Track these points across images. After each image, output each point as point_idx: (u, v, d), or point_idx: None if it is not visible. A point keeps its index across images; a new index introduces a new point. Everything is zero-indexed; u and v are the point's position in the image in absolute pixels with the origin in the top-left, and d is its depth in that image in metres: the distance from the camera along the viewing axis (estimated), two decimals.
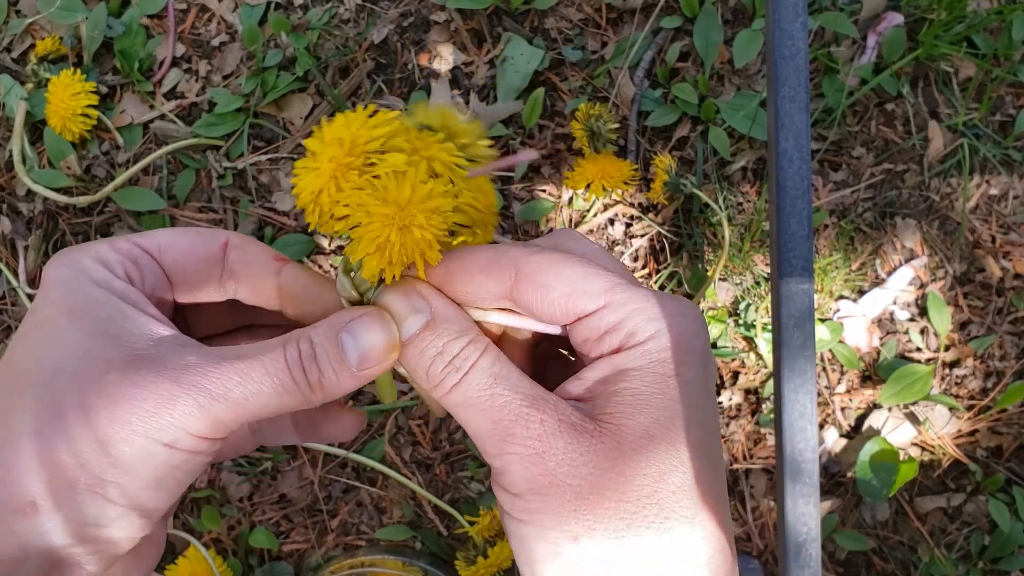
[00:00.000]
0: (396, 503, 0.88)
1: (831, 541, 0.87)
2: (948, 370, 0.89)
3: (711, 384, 0.29)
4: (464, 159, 0.31)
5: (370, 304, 0.31)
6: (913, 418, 0.88)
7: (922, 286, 0.89)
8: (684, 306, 0.29)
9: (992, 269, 0.89)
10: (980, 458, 0.88)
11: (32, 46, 0.93)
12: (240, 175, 0.90)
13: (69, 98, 0.86)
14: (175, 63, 0.93)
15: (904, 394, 0.85)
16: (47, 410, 0.26)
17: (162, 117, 0.91)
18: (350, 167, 0.28)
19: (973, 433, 0.88)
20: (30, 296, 0.90)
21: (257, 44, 0.90)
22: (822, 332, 0.86)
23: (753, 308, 0.87)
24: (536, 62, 0.87)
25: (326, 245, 0.89)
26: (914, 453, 0.89)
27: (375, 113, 0.29)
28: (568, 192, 0.88)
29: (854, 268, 0.89)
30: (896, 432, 0.88)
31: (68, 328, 0.28)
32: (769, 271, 0.86)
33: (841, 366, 0.89)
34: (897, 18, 0.87)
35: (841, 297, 0.90)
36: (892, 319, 0.90)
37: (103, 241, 0.30)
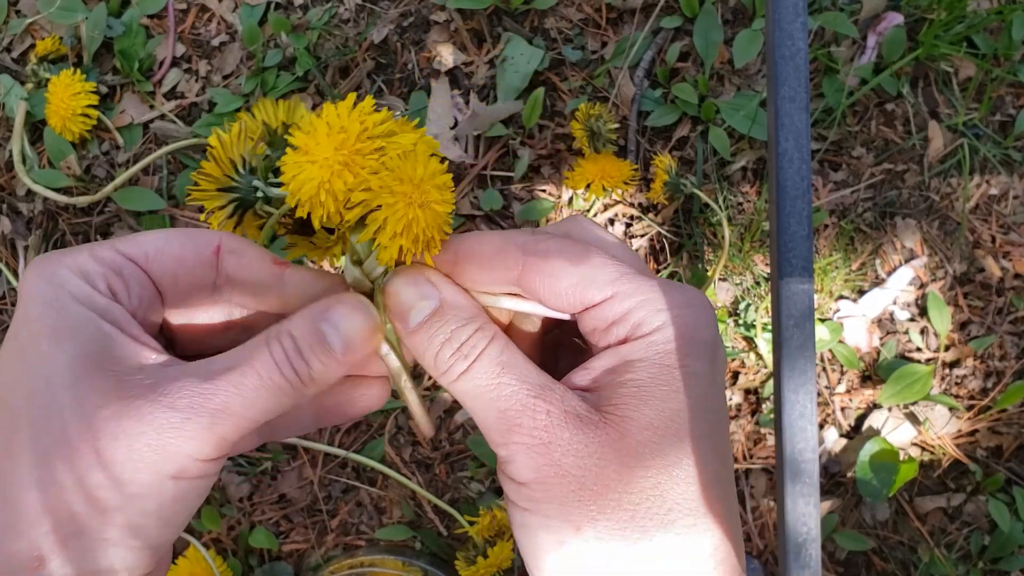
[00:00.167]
0: (396, 503, 0.88)
1: (831, 541, 0.87)
2: (948, 370, 0.89)
3: (719, 377, 0.29)
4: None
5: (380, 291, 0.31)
6: (913, 418, 0.88)
7: (922, 286, 0.89)
8: (693, 297, 0.28)
9: (992, 269, 0.89)
10: (980, 458, 0.88)
11: (32, 46, 0.93)
12: None
13: (69, 98, 0.86)
14: (175, 63, 0.93)
15: (904, 394, 0.85)
16: (46, 455, 0.25)
17: (162, 117, 0.91)
18: (361, 153, 0.28)
19: (973, 433, 0.88)
20: None
21: (257, 44, 0.90)
22: (822, 332, 0.86)
23: (753, 308, 0.87)
24: (536, 62, 0.87)
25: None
26: (914, 453, 0.89)
27: (356, 94, 0.30)
28: (568, 192, 0.88)
29: (854, 268, 0.89)
30: (896, 432, 0.88)
31: (53, 355, 0.26)
32: (769, 271, 0.86)
33: (841, 366, 0.89)
34: (897, 18, 0.87)
35: (841, 297, 0.90)
36: (892, 319, 0.89)
37: (84, 248, 0.29)
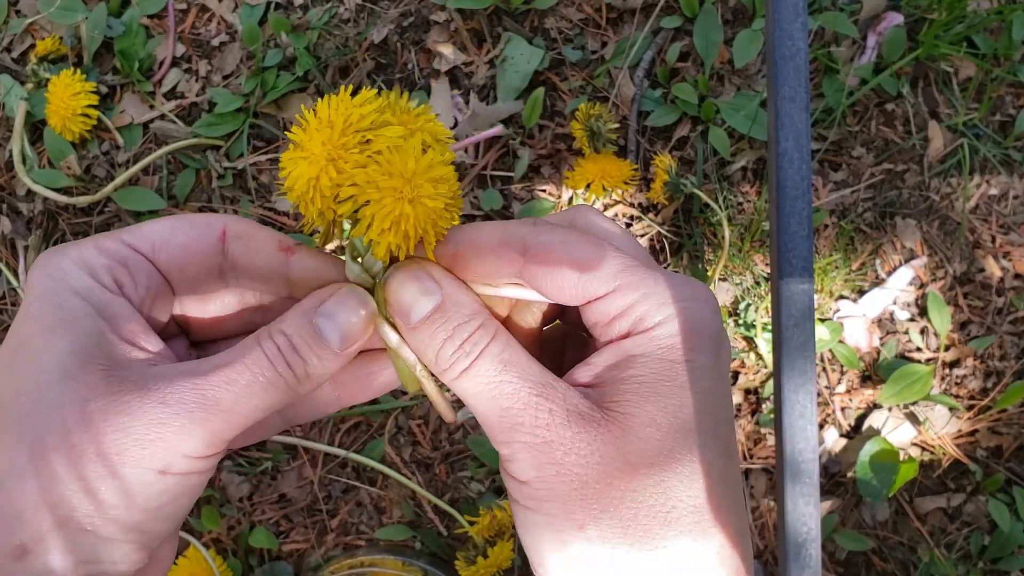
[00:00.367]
0: (396, 503, 0.88)
1: (831, 541, 0.86)
2: (948, 370, 0.89)
3: (724, 371, 0.28)
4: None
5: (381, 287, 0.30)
6: (913, 418, 0.88)
7: (922, 286, 0.89)
8: (697, 290, 0.28)
9: (992, 269, 0.89)
10: (980, 458, 0.88)
11: (32, 46, 0.93)
12: (240, 175, 0.90)
13: (69, 98, 0.86)
14: (175, 63, 0.93)
15: (904, 394, 0.85)
16: (32, 447, 0.25)
17: (162, 117, 0.91)
18: (346, 147, 0.28)
19: (973, 433, 0.88)
20: None
21: (257, 44, 0.90)
22: (822, 332, 0.86)
23: (753, 308, 0.87)
24: (536, 62, 0.87)
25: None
26: (914, 453, 0.89)
27: (355, 93, 0.29)
28: (568, 192, 0.88)
29: (854, 268, 0.89)
30: (896, 432, 0.88)
31: (46, 350, 0.26)
32: (769, 271, 0.86)
33: (841, 366, 0.89)
34: (897, 18, 0.87)
35: (841, 297, 0.90)
36: (892, 319, 0.89)
37: (89, 241, 0.29)
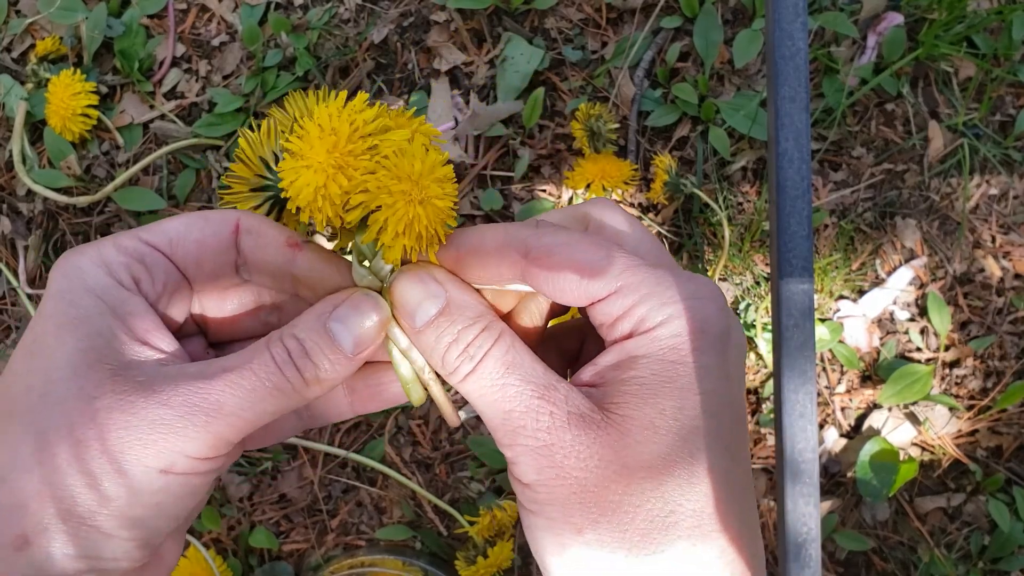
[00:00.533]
0: (396, 503, 0.88)
1: (831, 541, 0.86)
2: (948, 370, 0.89)
3: (731, 369, 0.28)
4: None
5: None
6: (913, 418, 0.88)
7: (922, 286, 0.89)
8: (702, 287, 0.28)
9: (992, 269, 0.89)
10: (980, 458, 0.88)
11: (32, 46, 0.93)
12: None
13: (69, 98, 0.86)
14: (175, 63, 0.93)
15: (904, 394, 0.85)
16: (37, 440, 0.26)
17: (162, 117, 0.91)
18: (354, 154, 0.28)
19: (973, 433, 0.88)
20: (30, 296, 0.90)
21: (257, 44, 0.90)
22: (822, 332, 0.86)
23: (753, 308, 0.87)
24: (536, 62, 0.87)
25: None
26: (914, 453, 0.89)
27: (353, 94, 0.29)
28: (568, 192, 0.88)
29: (854, 268, 0.89)
30: (896, 432, 0.88)
31: (57, 347, 0.27)
32: (769, 271, 0.86)
33: (841, 366, 0.89)
34: (897, 18, 0.87)
35: (841, 297, 0.90)
36: (892, 319, 0.89)
37: (108, 240, 0.29)
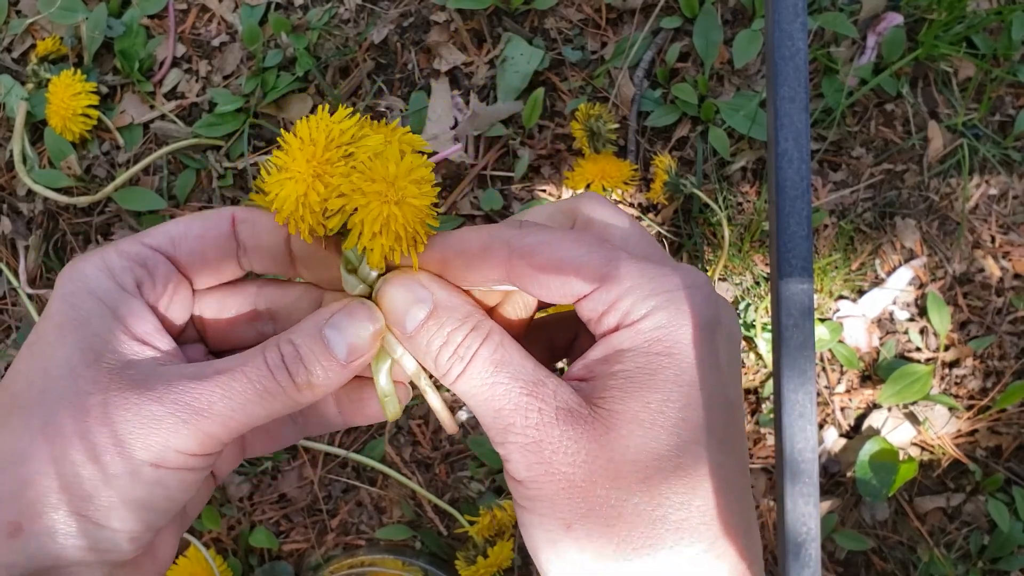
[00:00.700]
0: (396, 503, 0.88)
1: (831, 541, 0.87)
2: (948, 370, 0.89)
3: (722, 359, 0.28)
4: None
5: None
6: (913, 418, 0.88)
7: (922, 286, 0.89)
8: (688, 278, 0.28)
9: (991, 269, 0.89)
10: (979, 458, 0.88)
11: (33, 46, 0.93)
12: (240, 175, 0.90)
13: (69, 98, 0.86)
14: (175, 63, 0.93)
15: (904, 394, 0.85)
16: (34, 433, 0.27)
17: (162, 117, 0.91)
18: (330, 161, 0.29)
19: (972, 433, 0.89)
20: (30, 296, 0.90)
21: (257, 44, 0.90)
22: (822, 332, 0.86)
23: (753, 308, 0.87)
24: (536, 62, 0.87)
25: None
26: (914, 453, 0.89)
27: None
28: (568, 192, 0.88)
29: (854, 268, 0.89)
30: (896, 432, 0.88)
31: (56, 346, 0.28)
32: (768, 271, 0.86)
33: (841, 366, 0.89)
34: (897, 18, 0.87)
35: (841, 297, 0.90)
36: (892, 319, 0.90)
37: (112, 246, 0.30)
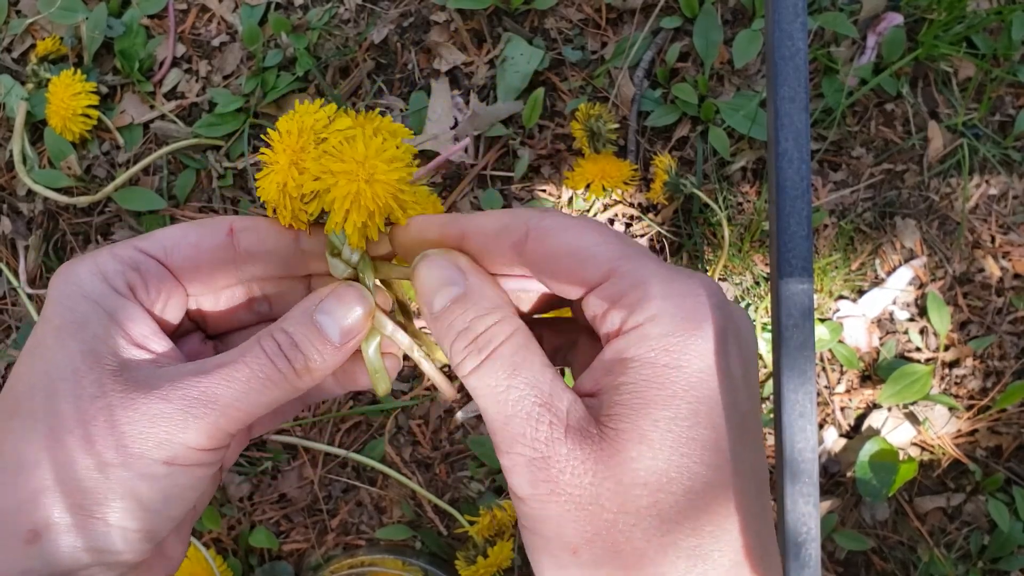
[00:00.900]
0: (396, 503, 0.88)
1: (831, 541, 0.87)
2: (948, 370, 0.89)
3: (735, 371, 0.26)
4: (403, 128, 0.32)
5: (391, 275, 0.32)
6: (913, 418, 0.88)
7: (922, 286, 0.89)
8: (698, 283, 0.26)
9: (991, 269, 0.89)
10: (979, 458, 0.88)
11: (32, 46, 0.93)
12: (240, 175, 0.90)
13: (69, 98, 0.86)
14: (175, 63, 0.93)
15: (904, 394, 0.85)
16: (44, 438, 0.27)
17: (162, 117, 0.91)
18: (303, 149, 0.30)
19: (973, 433, 0.89)
20: (30, 296, 0.90)
21: (257, 44, 0.90)
22: (822, 332, 0.86)
23: (753, 308, 0.87)
24: (536, 62, 0.87)
25: None
26: (914, 453, 0.89)
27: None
28: (568, 192, 0.88)
29: (854, 268, 0.89)
30: (896, 432, 0.88)
31: (58, 349, 0.28)
32: (769, 271, 0.86)
33: (841, 366, 0.89)
34: (897, 18, 0.87)
35: (841, 297, 0.90)
36: (892, 319, 0.90)
37: (105, 249, 0.30)
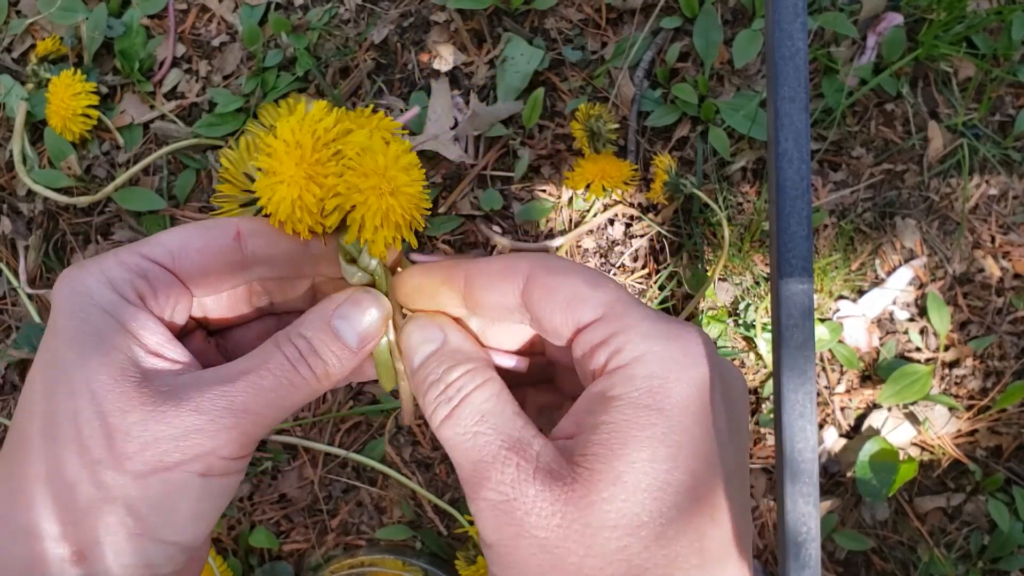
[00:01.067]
0: (396, 503, 0.89)
1: (831, 541, 0.87)
2: (948, 370, 0.89)
3: (720, 423, 0.26)
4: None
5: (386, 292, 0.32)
6: (913, 418, 0.88)
7: (922, 286, 0.89)
8: (690, 331, 0.27)
9: (991, 269, 0.89)
10: (979, 458, 0.88)
11: (32, 46, 0.93)
12: None
13: (69, 98, 0.86)
14: (175, 63, 0.93)
15: (904, 394, 0.85)
16: (80, 457, 0.27)
17: (162, 117, 0.91)
18: (321, 162, 0.29)
19: (973, 433, 0.89)
20: (31, 296, 0.90)
21: (257, 44, 0.90)
22: (821, 332, 0.86)
23: (753, 308, 0.87)
24: (536, 62, 0.87)
25: None
26: (914, 453, 0.89)
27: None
28: (568, 192, 0.88)
29: (854, 268, 0.89)
30: (896, 432, 0.88)
31: (77, 363, 0.28)
32: (769, 271, 0.86)
33: (841, 366, 0.89)
34: (897, 18, 0.87)
35: (841, 297, 0.90)
36: (892, 319, 0.90)
37: (109, 256, 0.30)
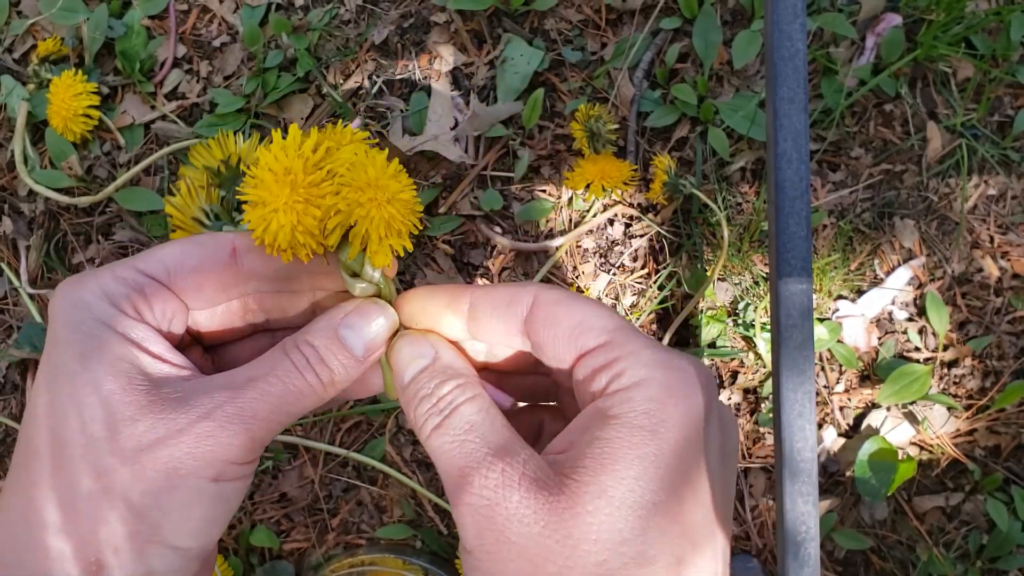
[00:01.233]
0: (396, 502, 0.89)
1: (830, 540, 0.87)
2: (946, 370, 0.89)
3: (714, 449, 0.26)
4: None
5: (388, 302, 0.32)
6: (912, 417, 0.88)
7: (920, 286, 0.89)
8: (690, 362, 0.27)
9: (990, 269, 0.89)
10: (978, 457, 0.88)
11: (34, 47, 0.94)
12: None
13: (71, 99, 0.86)
14: (176, 64, 0.93)
15: (903, 393, 0.85)
16: (94, 468, 0.27)
17: (163, 118, 0.91)
18: (315, 183, 0.29)
19: (971, 432, 0.89)
20: (32, 296, 0.90)
21: (258, 45, 0.90)
22: (821, 332, 0.86)
23: (752, 308, 0.87)
24: (536, 63, 0.87)
25: None
26: (912, 452, 0.89)
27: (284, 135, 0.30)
28: (568, 192, 0.88)
29: (853, 268, 0.89)
30: (895, 431, 0.88)
31: (84, 375, 0.28)
32: (768, 271, 0.86)
33: (840, 366, 0.89)
34: (895, 19, 0.88)
35: (840, 297, 0.90)
36: (891, 319, 0.90)
37: (106, 271, 0.30)
